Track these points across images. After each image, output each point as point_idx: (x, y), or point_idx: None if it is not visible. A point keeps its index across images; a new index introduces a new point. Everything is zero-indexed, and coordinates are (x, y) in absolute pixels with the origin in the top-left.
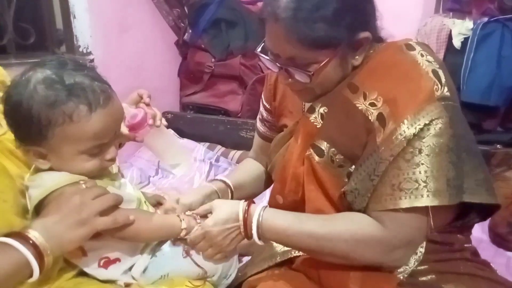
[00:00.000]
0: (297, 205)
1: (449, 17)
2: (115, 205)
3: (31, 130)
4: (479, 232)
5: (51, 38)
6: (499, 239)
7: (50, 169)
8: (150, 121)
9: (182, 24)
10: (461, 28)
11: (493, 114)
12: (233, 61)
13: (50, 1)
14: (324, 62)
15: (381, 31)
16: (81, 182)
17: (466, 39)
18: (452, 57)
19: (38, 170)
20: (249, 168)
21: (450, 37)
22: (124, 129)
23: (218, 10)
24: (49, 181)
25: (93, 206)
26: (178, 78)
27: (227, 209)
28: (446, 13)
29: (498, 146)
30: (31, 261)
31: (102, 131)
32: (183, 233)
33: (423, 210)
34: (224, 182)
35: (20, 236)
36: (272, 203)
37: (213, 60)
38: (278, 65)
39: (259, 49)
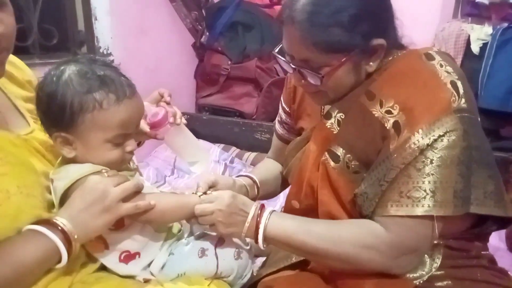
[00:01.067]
0: (313, 209)
1: (468, 22)
2: (137, 192)
3: (63, 116)
4: (496, 240)
5: (73, 39)
6: None
7: (75, 160)
8: (171, 119)
9: (200, 27)
10: (480, 34)
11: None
12: (249, 63)
13: (72, 3)
14: (335, 66)
15: (402, 38)
16: (103, 171)
17: (484, 44)
18: (470, 62)
19: (63, 164)
20: (270, 166)
21: (468, 43)
22: (145, 127)
23: (235, 13)
24: (73, 172)
25: (115, 193)
26: (194, 80)
27: (246, 198)
28: (464, 18)
29: None
30: (59, 247)
31: (127, 121)
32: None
33: (429, 218)
34: (251, 178)
35: (49, 223)
36: (288, 208)
37: (229, 62)
38: (292, 66)
39: (276, 50)
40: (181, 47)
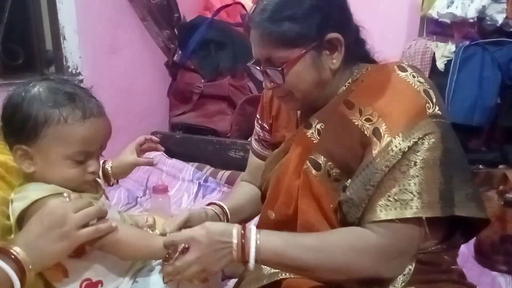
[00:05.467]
0: (288, 220)
1: (433, 40)
2: (100, 218)
3: (26, 127)
4: (465, 252)
5: (40, 59)
6: (484, 259)
7: (34, 177)
8: None
9: (172, 45)
10: (444, 51)
11: (478, 134)
12: (222, 81)
13: (40, 22)
14: (293, 59)
15: (373, 53)
16: (65, 194)
17: (449, 61)
18: (436, 78)
19: (24, 184)
20: (245, 191)
21: (433, 59)
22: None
23: (207, 32)
24: (32, 192)
25: (75, 219)
26: (167, 98)
27: (221, 225)
28: (429, 36)
29: (480, 166)
30: (12, 276)
31: (90, 138)
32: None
33: (417, 221)
34: (221, 206)
35: (1, 251)
36: (263, 219)
37: (202, 80)
38: (260, 70)
39: (251, 63)
40: (154, 66)
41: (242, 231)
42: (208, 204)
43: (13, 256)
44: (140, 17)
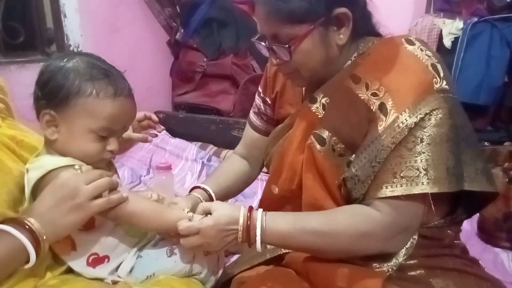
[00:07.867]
0: (292, 195)
1: (440, 17)
2: (112, 189)
3: (59, 93)
4: (468, 229)
5: (41, 37)
6: (487, 236)
7: (54, 146)
8: None
9: (174, 24)
10: (451, 28)
11: (483, 113)
12: (225, 60)
13: (40, 0)
14: (301, 36)
15: (378, 26)
16: (76, 167)
17: (456, 38)
18: (443, 56)
19: (39, 155)
20: (234, 168)
21: (440, 37)
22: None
23: (210, 10)
24: (48, 163)
25: (87, 191)
26: (170, 78)
27: (228, 212)
28: (436, 13)
29: (486, 143)
30: (27, 246)
31: (117, 116)
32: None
33: (421, 197)
34: (206, 191)
35: (16, 221)
36: (267, 194)
37: (205, 59)
38: (266, 46)
39: (255, 38)
40: (156, 45)
41: (248, 214)
42: (193, 188)
43: (27, 227)
44: None
